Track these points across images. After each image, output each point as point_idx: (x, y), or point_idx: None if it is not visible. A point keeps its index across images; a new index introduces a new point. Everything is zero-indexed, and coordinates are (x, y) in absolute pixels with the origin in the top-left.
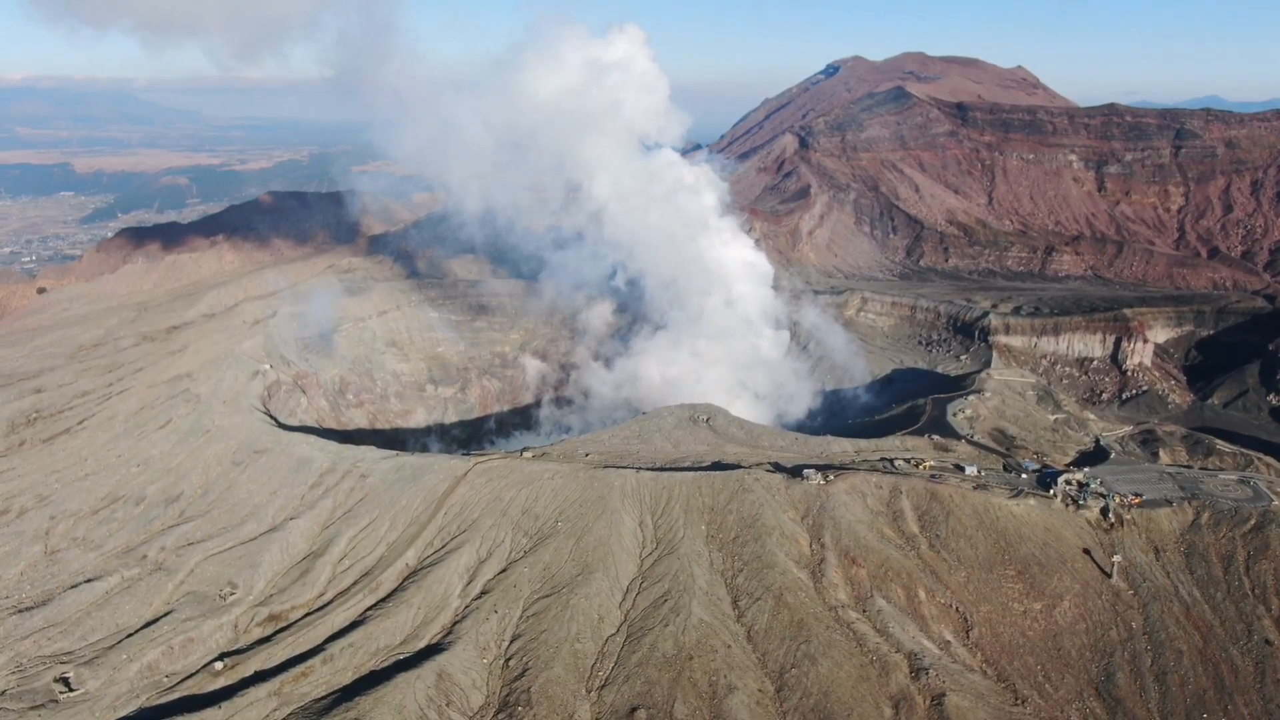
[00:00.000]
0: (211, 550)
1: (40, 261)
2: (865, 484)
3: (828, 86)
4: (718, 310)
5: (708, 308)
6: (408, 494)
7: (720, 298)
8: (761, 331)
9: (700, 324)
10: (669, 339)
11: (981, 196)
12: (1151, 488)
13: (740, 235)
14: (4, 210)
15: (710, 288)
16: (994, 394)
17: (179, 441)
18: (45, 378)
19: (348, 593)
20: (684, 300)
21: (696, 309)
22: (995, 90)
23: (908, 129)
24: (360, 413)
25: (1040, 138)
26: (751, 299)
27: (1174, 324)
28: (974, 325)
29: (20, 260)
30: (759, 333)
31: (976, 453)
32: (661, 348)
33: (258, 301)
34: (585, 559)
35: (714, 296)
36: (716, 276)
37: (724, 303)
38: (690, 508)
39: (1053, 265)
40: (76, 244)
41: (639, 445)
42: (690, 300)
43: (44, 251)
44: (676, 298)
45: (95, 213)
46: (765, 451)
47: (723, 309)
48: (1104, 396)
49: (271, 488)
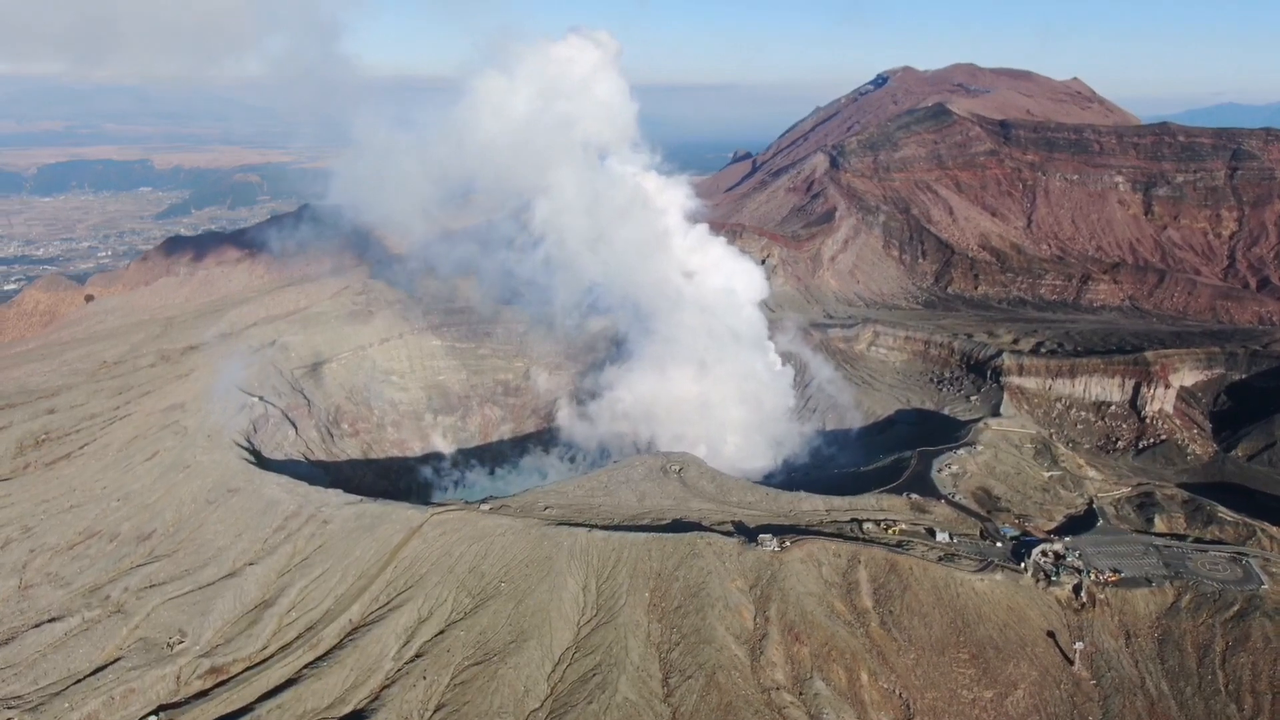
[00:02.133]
0: (170, 594)
1: (115, 257)
2: (823, 552)
3: (875, 98)
4: (691, 337)
5: (679, 333)
6: (362, 544)
7: (694, 323)
8: (749, 362)
9: (675, 351)
10: (645, 368)
11: (1020, 219)
12: (1133, 563)
13: (719, 255)
14: (86, 205)
15: (679, 312)
16: (987, 447)
17: (160, 476)
18: (61, 397)
19: (289, 648)
20: (652, 326)
21: (668, 335)
22: (1047, 104)
23: (946, 147)
24: (355, 443)
25: (1086, 157)
26: (736, 324)
27: (1203, 366)
28: (987, 364)
29: (96, 255)
30: (746, 363)
31: (955, 515)
32: (638, 377)
33: (265, 326)
34: (522, 624)
35: (684, 322)
36: (689, 301)
37: (697, 328)
38: (637, 573)
39: (1088, 295)
40: (150, 239)
41: (602, 498)
42: (658, 325)
43: (119, 246)
44: (644, 323)
45: (171, 209)
46: (731, 508)
47: (697, 335)
48: (1119, 444)
49: (237, 530)
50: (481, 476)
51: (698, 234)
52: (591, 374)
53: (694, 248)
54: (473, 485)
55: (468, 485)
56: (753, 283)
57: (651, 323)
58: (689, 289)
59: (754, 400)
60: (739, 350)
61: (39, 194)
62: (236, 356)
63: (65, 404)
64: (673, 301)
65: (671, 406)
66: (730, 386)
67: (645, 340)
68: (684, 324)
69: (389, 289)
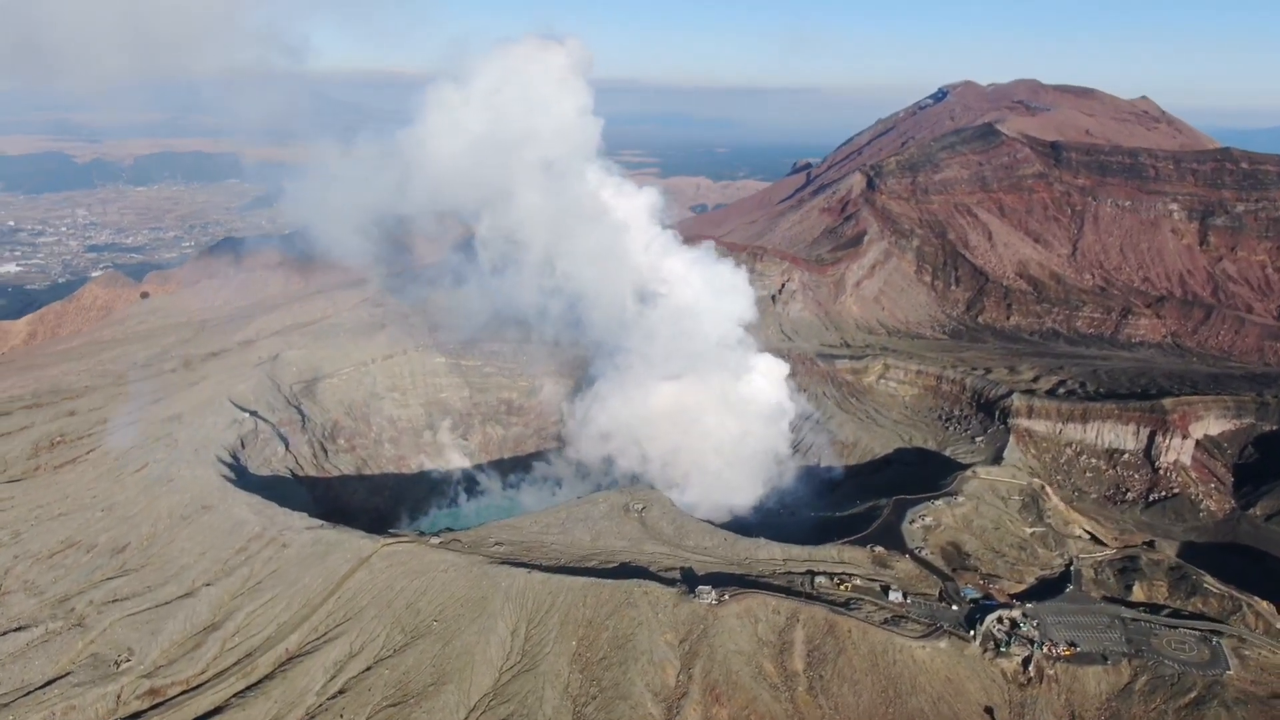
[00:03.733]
0: (129, 610)
1: (198, 248)
2: (761, 607)
3: (933, 113)
4: (661, 357)
5: (650, 353)
6: (312, 572)
7: (665, 343)
8: (730, 387)
9: (644, 373)
10: (620, 388)
11: (1065, 246)
12: (1094, 636)
13: (696, 272)
14: (176, 196)
15: (648, 331)
16: (969, 498)
17: (144, 489)
18: (83, 399)
19: (225, 674)
20: (625, 345)
21: (642, 354)
22: (1109, 124)
23: (991, 169)
24: (350, 458)
25: (1140, 183)
26: (712, 347)
27: (1231, 414)
28: (996, 404)
29: (180, 245)
30: (727, 388)
31: (917, 572)
32: (614, 398)
33: (276, 338)
34: (445, 666)
35: (654, 341)
36: (659, 320)
37: (668, 349)
38: (568, 619)
39: (1127, 329)
40: (233, 231)
41: (556, 536)
42: (632, 344)
43: (203, 237)
44: (616, 342)
45: (254, 201)
46: (685, 553)
47: (668, 356)
48: (1129, 496)
49: (202, 548)
50: (472, 496)
51: (665, 248)
52: (580, 394)
53: (660, 264)
54: (459, 507)
55: (458, 506)
56: (736, 304)
57: (623, 341)
58: (660, 308)
59: (739, 431)
60: (717, 375)
61: (134, 184)
62: (237, 370)
63: (85, 406)
64: (638, 320)
65: (649, 431)
66: (710, 413)
67: (618, 360)
68: (654, 344)
69: (400, 303)
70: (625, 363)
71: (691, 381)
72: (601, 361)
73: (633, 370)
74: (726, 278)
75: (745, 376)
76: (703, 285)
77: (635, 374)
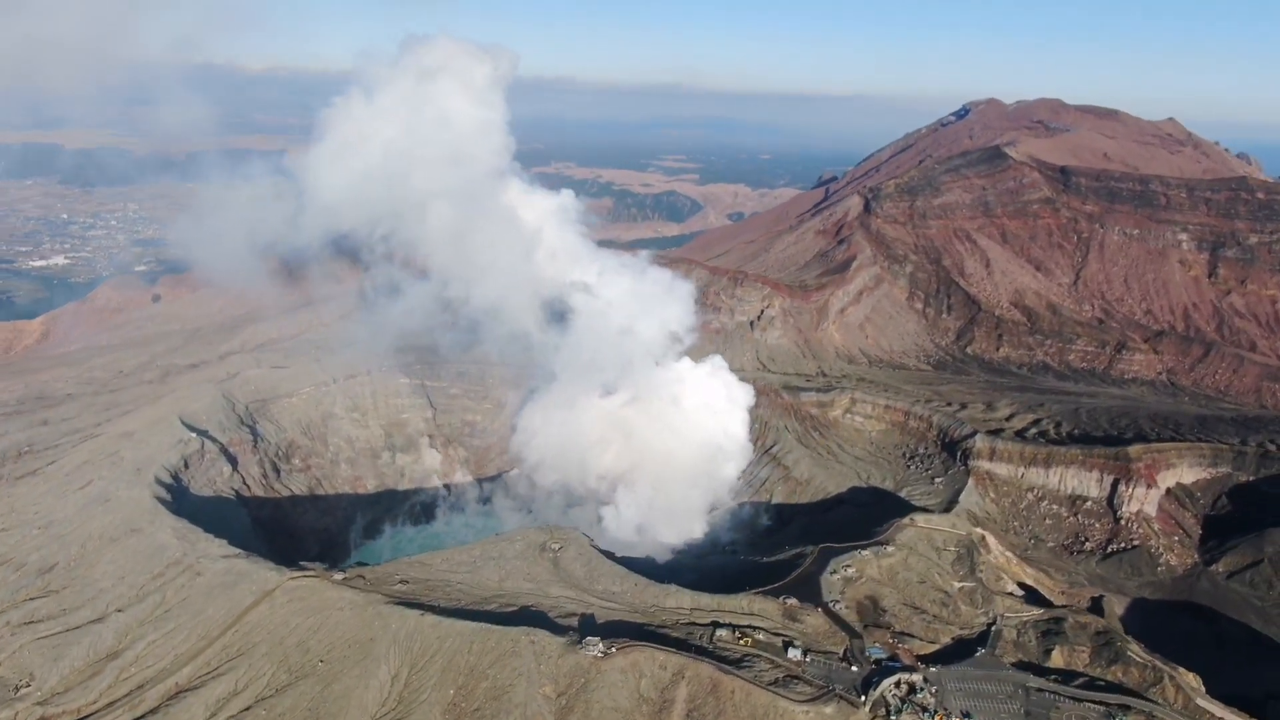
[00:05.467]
0: (41, 633)
1: None
2: (648, 662)
3: (952, 131)
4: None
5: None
6: (217, 603)
7: (593, 351)
8: (667, 416)
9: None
10: (543, 408)
11: (1067, 275)
12: (993, 706)
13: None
14: (225, 193)
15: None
16: (901, 548)
17: (83, 507)
18: (59, 408)
19: (113, 706)
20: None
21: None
22: (1130, 147)
23: (996, 194)
24: (304, 478)
25: (1150, 211)
26: (641, 370)
27: (1206, 463)
28: (959, 444)
29: None
30: (662, 416)
31: (826, 627)
32: (540, 418)
33: (247, 355)
34: (320, 711)
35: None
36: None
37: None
38: (450, 667)
39: (1121, 364)
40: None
41: (464, 575)
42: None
43: None
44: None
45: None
46: (591, 599)
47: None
48: (1088, 545)
49: (122, 572)
50: (423, 522)
51: (578, 257)
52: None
53: (573, 273)
54: (406, 529)
55: (409, 526)
56: (670, 314)
57: (545, 357)
58: (579, 319)
59: (682, 456)
60: (651, 390)
61: (187, 180)
62: (199, 387)
63: (58, 416)
64: (551, 335)
65: (585, 455)
66: (650, 433)
67: (545, 378)
68: (577, 357)
69: (368, 322)
70: (551, 380)
71: (624, 398)
72: (532, 380)
73: (559, 388)
74: (658, 287)
75: (686, 392)
76: (627, 294)
77: (562, 391)
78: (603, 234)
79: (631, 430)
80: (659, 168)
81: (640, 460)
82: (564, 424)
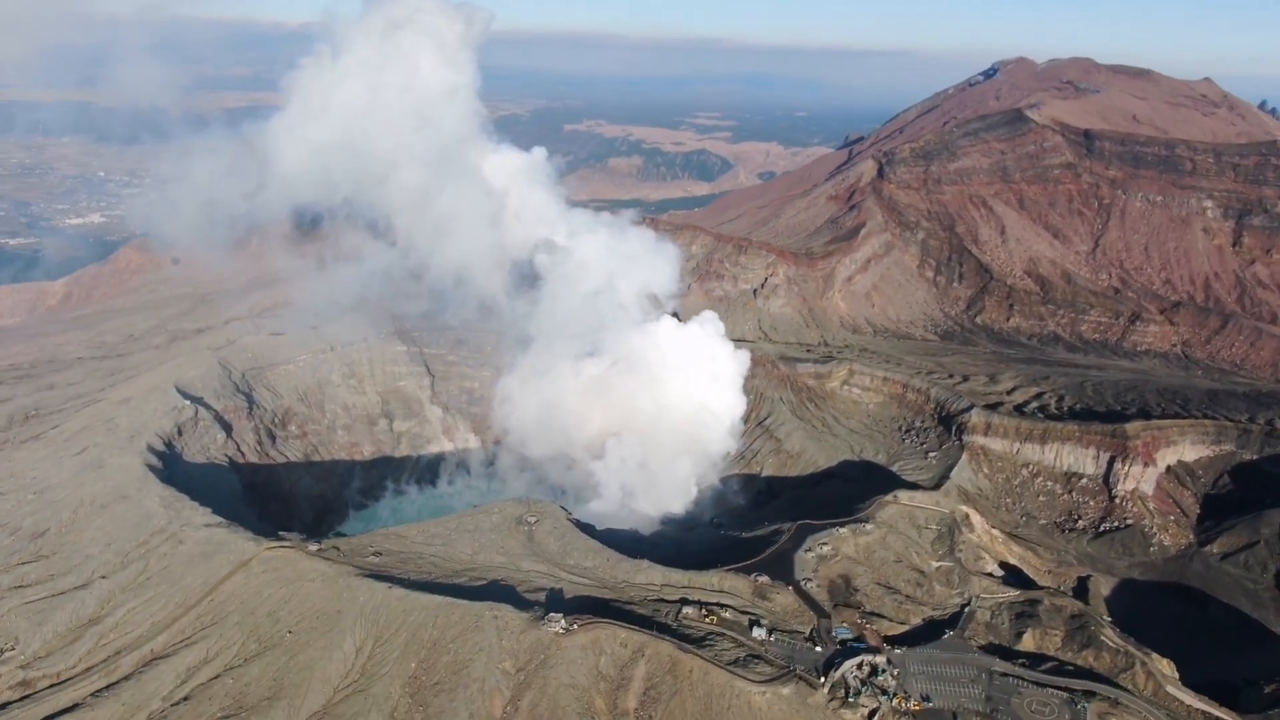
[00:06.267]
0: (29, 598)
1: None
2: (610, 640)
3: (979, 91)
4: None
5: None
6: (194, 572)
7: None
8: (638, 382)
9: (557, 348)
10: (521, 375)
11: (1085, 242)
12: (953, 690)
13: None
14: None
15: (546, 301)
16: (880, 526)
17: (76, 473)
18: (66, 373)
19: (90, 671)
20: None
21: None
22: (1162, 108)
23: (1015, 158)
24: (300, 445)
25: (1174, 177)
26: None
27: (1210, 440)
28: (954, 419)
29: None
30: (634, 382)
31: (796, 606)
32: (517, 386)
33: (241, 322)
34: (285, 681)
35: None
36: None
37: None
38: (414, 640)
39: (1134, 336)
40: None
41: (438, 548)
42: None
43: None
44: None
45: None
46: (562, 573)
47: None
48: (1080, 524)
49: (109, 539)
50: (413, 487)
51: (549, 216)
52: None
53: (546, 232)
54: (404, 496)
55: (400, 494)
56: (653, 274)
57: (523, 321)
58: (551, 280)
59: (668, 422)
60: (634, 353)
61: (220, 137)
62: (197, 353)
63: (64, 381)
64: (526, 297)
65: (569, 421)
66: (636, 399)
67: (526, 342)
68: (555, 320)
69: (372, 288)
70: (532, 344)
71: (603, 364)
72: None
73: (535, 355)
74: (638, 247)
75: (669, 357)
76: (603, 255)
77: (538, 358)
78: (631, 193)
79: (613, 398)
80: (692, 125)
81: (624, 429)
82: (542, 393)
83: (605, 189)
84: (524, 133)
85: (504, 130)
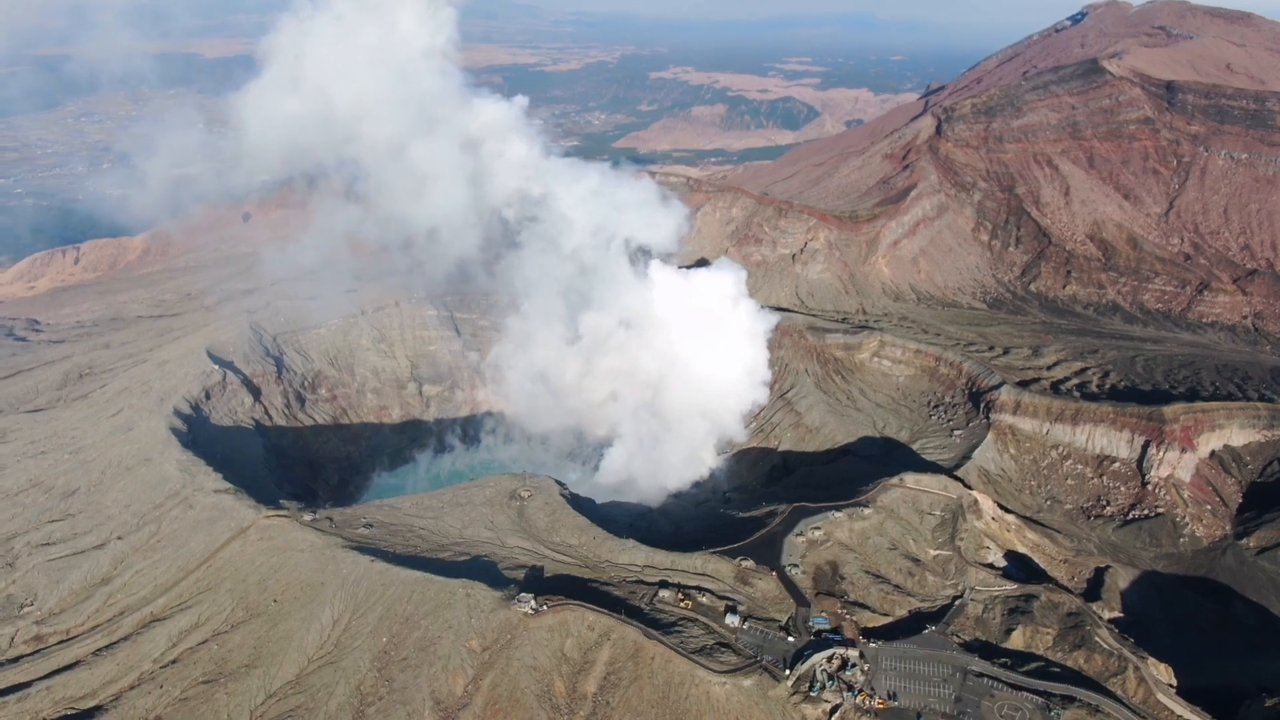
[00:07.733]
0: (52, 555)
1: None
2: (578, 622)
3: (1064, 38)
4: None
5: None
6: (197, 538)
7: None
8: (640, 350)
9: (542, 328)
10: (519, 343)
11: (1159, 203)
12: (922, 690)
13: None
14: None
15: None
16: (879, 510)
17: (109, 434)
18: (123, 331)
19: (97, 629)
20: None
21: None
22: (1261, 56)
23: (1087, 113)
24: (329, 408)
25: (1263, 133)
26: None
27: (1262, 424)
28: (984, 395)
29: None
30: (637, 351)
31: (777, 591)
32: (518, 354)
33: (272, 286)
34: (264, 649)
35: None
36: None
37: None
38: (388, 615)
39: (1200, 307)
40: None
41: (428, 521)
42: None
43: None
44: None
45: None
46: (546, 551)
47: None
48: (1108, 510)
49: (129, 501)
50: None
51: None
52: None
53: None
54: (415, 461)
55: (414, 460)
56: (653, 230)
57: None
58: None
59: (676, 396)
60: (630, 325)
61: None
62: (233, 317)
63: (119, 340)
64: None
65: (578, 385)
66: (634, 371)
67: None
68: (551, 280)
69: (401, 255)
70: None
71: (596, 323)
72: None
73: (527, 317)
74: (636, 198)
75: (669, 315)
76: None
77: (530, 321)
78: (713, 142)
79: (619, 358)
80: (780, 71)
81: (627, 394)
82: (535, 359)
83: (687, 138)
84: (609, 80)
85: (591, 78)
